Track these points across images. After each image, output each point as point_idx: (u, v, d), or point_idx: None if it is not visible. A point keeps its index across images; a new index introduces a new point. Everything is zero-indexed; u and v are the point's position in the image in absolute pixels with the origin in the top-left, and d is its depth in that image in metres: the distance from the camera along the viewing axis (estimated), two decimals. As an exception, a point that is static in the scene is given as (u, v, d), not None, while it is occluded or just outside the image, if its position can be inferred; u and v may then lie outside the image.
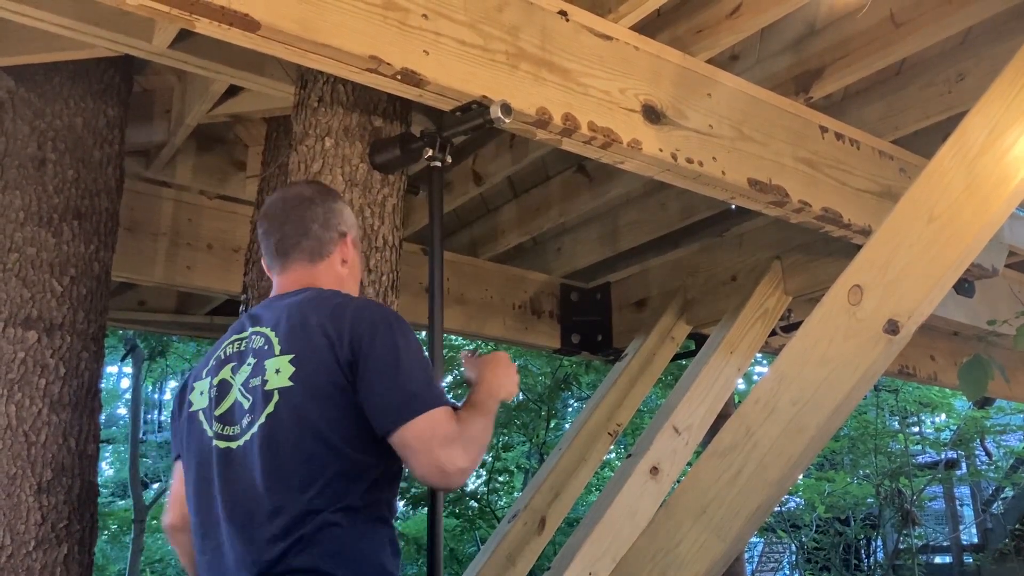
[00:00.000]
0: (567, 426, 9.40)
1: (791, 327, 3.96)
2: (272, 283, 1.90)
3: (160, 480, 13.62)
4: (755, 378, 8.79)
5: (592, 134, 2.30)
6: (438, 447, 1.55)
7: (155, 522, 11.80)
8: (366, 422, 1.61)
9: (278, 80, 2.84)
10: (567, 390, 9.87)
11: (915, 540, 10.27)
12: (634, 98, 2.43)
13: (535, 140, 2.38)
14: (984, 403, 9.02)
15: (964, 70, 3.04)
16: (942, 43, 3.01)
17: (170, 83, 3.41)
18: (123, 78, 3.12)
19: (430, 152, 2.25)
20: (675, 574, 2.25)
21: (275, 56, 1.98)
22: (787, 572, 13.09)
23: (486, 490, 10.64)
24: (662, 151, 2.44)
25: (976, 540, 12.14)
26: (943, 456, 10.42)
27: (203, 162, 3.78)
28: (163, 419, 18.60)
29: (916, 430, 10.88)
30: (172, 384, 18.00)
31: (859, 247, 2.39)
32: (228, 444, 1.69)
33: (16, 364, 2.68)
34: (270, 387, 1.64)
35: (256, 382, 1.67)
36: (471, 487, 10.77)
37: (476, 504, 10.40)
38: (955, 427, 10.20)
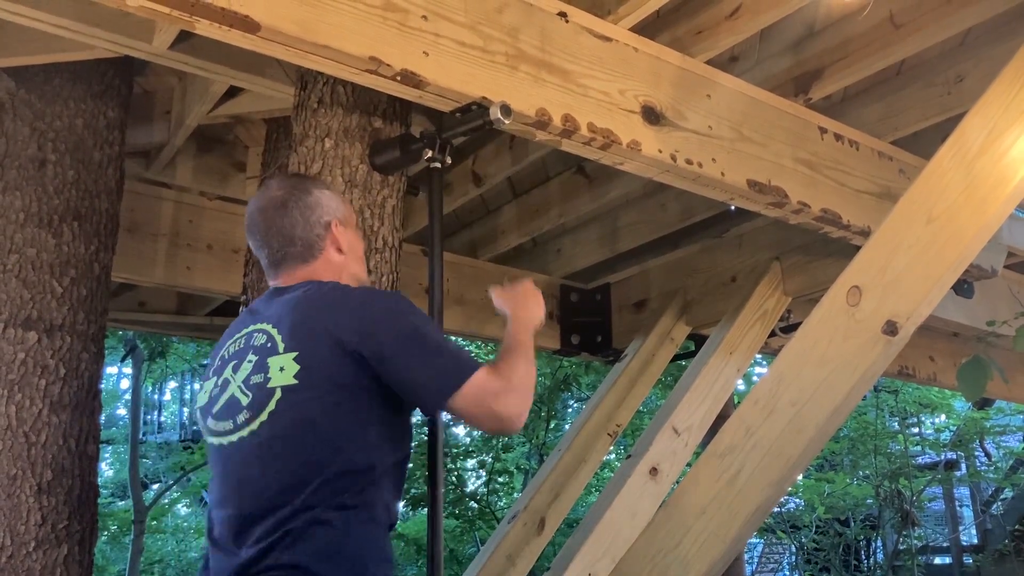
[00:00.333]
0: (567, 427, 9.40)
1: (790, 328, 3.96)
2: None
3: (160, 481, 13.62)
4: (755, 379, 8.79)
5: (592, 135, 2.30)
6: (492, 403, 1.65)
7: (155, 523, 11.82)
8: (368, 422, 1.64)
9: (278, 81, 2.84)
10: (567, 391, 9.88)
11: (915, 541, 10.27)
12: (633, 99, 2.43)
13: (535, 141, 2.39)
14: (983, 404, 9.03)
15: (963, 71, 3.04)
16: (941, 44, 3.02)
17: (170, 84, 3.41)
18: (123, 79, 3.12)
19: (430, 153, 2.25)
20: (675, 575, 2.26)
21: (275, 57, 1.98)
22: (787, 573, 13.10)
23: (486, 491, 10.64)
24: (661, 152, 2.44)
25: (976, 541, 12.14)
26: (943, 457, 10.42)
27: (203, 163, 3.78)
28: (163, 420, 18.61)
29: (916, 431, 10.89)
30: (172, 385, 18.03)
31: (858, 248, 2.39)
32: (221, 440, 1.71)
33: (16, 365, 2.68)
34: (273, 384, 1.65)
35: (258, 379, 1.68)
36: (470, 488, 10.78)
37: (476, 505, 10.40)
38: (955, 428, 10.20)
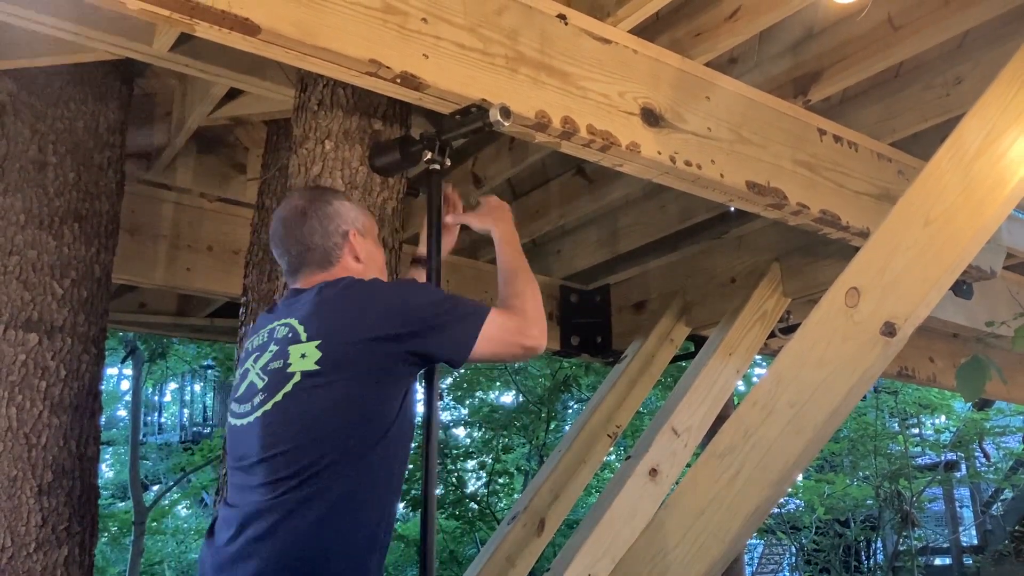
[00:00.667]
0: (567, 428, 9.41)
1: (790, 329, 3.97)
2: (275, 285, 1.95)
3: (160, 482, 13.63)
4: (754, 380, 8.80)
5: (591, 137, 2.30)
6: (519, 341, 1.87)
7: (155, 524, 11.82)
8: (381, 406, 1.74)
9: (278, 83, 2.85)
10: (567, 392, 9.89)
11: (915, 542, 10.28)
12: (633, 101, 2.44)
13: (534, 143, 2.39)
14: (983, 405, 9.04)
15: (961, 73, 3.04)
16: (940, 46, 3.02)
17: (171, 86, 3.42)
18: (124, 81, 3.13)
19: (429, 155, 2.26)
20: (674, 575, 2.26)
21: (275, 60, 1.99)
22: (787, 574, 13.10)
23: (486, 492, 10.65)
24: (661, 154, 2.45)
25: (976, 542, 12.16)
26: (943, 458, 10.43)
27: (204, 165, 3.79)
28: (163, 421, 18.62)
29: (916, 432, 10.91)
30: (172, 386, 18.03)
31: (857, 249, 2.40)
32: (239, 422, 1.80)
33: (17, 366, 2.69)
34: (292, 369, 1.73)
35: (277, 365, 1.76)
36: (471, 489, 10.78)
37: (476, 506, 10.41)
38: (955, 429, 10.21)
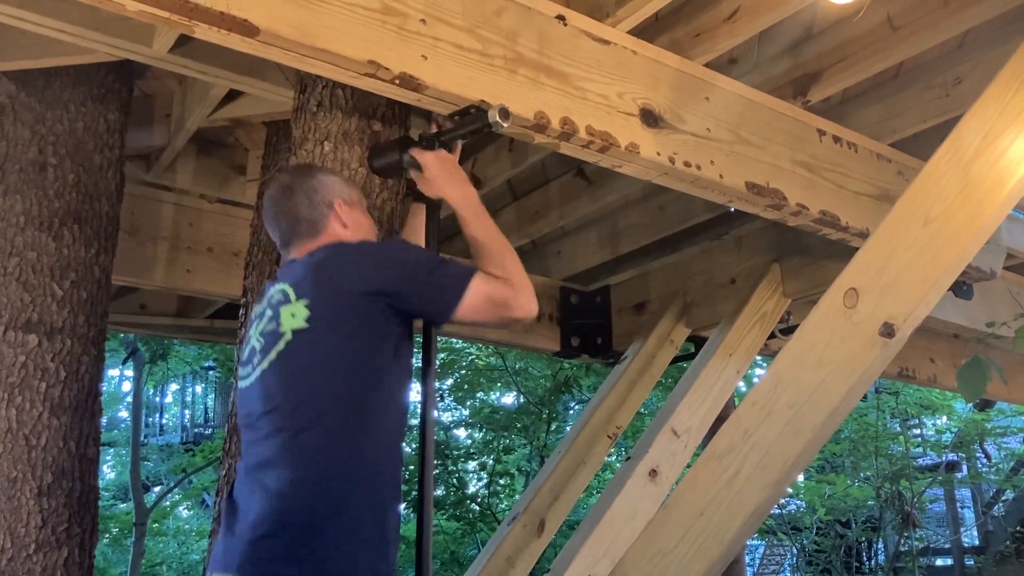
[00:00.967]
0: (568, 429, 9.41)
1: (790, 330, 3.96)
2: None
3: (161, 483, 13.63)
4: (755, 380, 8.79)
5: (590, 138, 2.31)
6: (510, 312, 1.92)
7: (156, 525, 11.82)
8: (372, 359, 1.81)
9: (278, 84, 2.85)
10: (567, 393, 9.88)
11: (916, 542, 10.27)
12: (632, 102, 2.44)
13: (533, 144, 2.39)
14: (984, 405, 9.03)
15: (961, 74, 3.04)
16: (939, 47, 3.02)
17: (170, 87, 3.42)
18: (123, 83, 3.13)
19: (430, 156, 2.25)
20: (673, 576, 2.26)
21: (274, 61, 1.99)
22: (788, 574, 13.09)
23: (487, 493, 10.64)
24: (660, 155, 2.45)
25: (977, 542, 12.15)
26: (944, 458, 10.43)
27: (203, 166, 3.79)
28: (164, 422, 18.62)
29: (917, 432, 10.89)
30: (173, 387, 18.03)
31: (857, 250, 2.39)
32: (243, 383, 1.91)
33: (17, 368, 2.69)
34: (284, 328, 1.83)
35: (271, 327, 1.87)
36: (471, 490, 10.77)
37: (477, 507, 10.41)
38: (956, 430, 10.20)
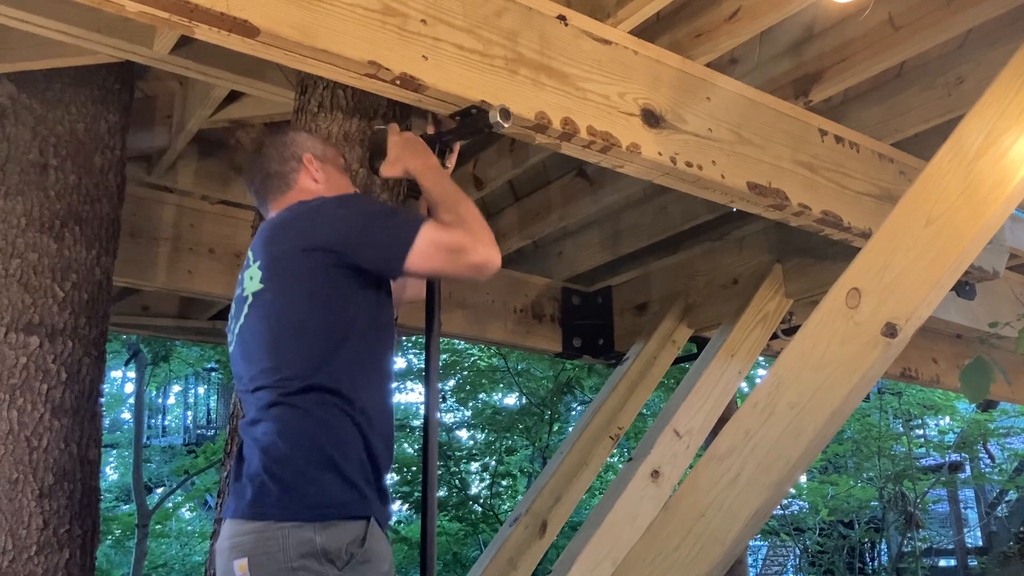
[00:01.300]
0: (569, 430, 9.40)
1: (792, 330, 3.95)
2: None
3: (164, 485, 13.64)
4: (757, 381, 8.77)
5: (591, 138, 2.30)
6: (455, 259, 1.86)
7: (159, 527, 11.82)
8: (331, 314, 1.84)
9: (279, 85, 2.85)
10: (569, 394, 9.88)
11: (919, 543, 10.26)
12: (633, 102, 2.43)
13: (535, 144, 2.39)
14: (988, 406, 9.03)
15: (963, 73, 3.04)
16: (941, 47, 3.02)
17: (171, 89, 3.42)
18: (124, 84, 3.13)
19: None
20: (675, 577, 2.26)
21: (275, 62, 1.99)
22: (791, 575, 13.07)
23: (489, 494, 10.64)
24: (661, 155, 2.44)
25: (980, 543, 12.14)
26: (947, 459, 10.41)
27: (205, 167, 3.79)
28: (167, 424, 18.64)
29: (920, 433, 10.87)
30: (176, 389, 18.05)
31: (860, 250, 2.39)
32: (229, 349, 2.02)
33: (18, 369, 2.69)
34: (247, 292, 1.95)
35: (238, 291, 2.00)
36: (474, 491, 10.77)
37: (479, 508, 10.40)
38: (959, 430, 10.19)
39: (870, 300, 2.19)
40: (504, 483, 10.96)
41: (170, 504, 12.39)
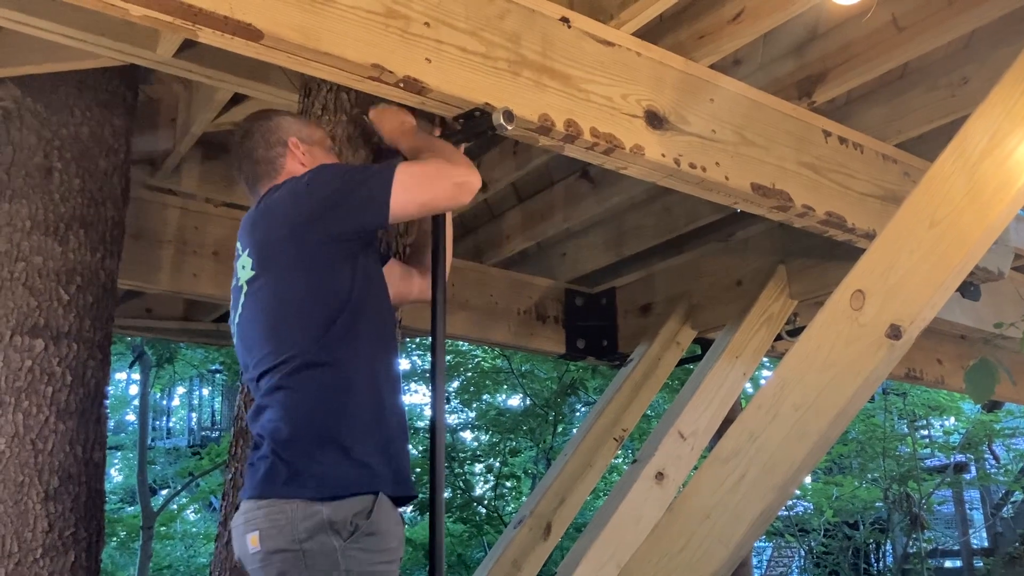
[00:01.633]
0: (574, 431, 9.40)
1: (797, 331, 3.95)
2: None
3: (169, 486, 13.65)
4: (762, 382, 8.76)
5: (594, 140, 2.30)
6: (437, 183, 1.94)
7: (164, 528, 11.83)
8: (323, 292, 1.88)
9: (282, 88, 2.85)
10: (574, 395, 9.87)
11: (924, 544, 10.22)
12: (636, 104, 2.43)
13: (538, 146, 2.39)
14: (992, 406, 9.00)
15: (968, 74, 3.03)
16: (945, 47, 3.01)
17: (175, 92, 3.43)
18: (128, 87, 3.14)
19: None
20: (679, 580, 2.25)
21: (278, 64, 1.99)
22: (796, 577, 13.05)
23: (493, 495, 10.64)
24: (665, 156, 2.44)
25: (986, 544, 12.10)
26: (952, 460, 10.38)
27: (209, 170, 3.79)
28: (171, 425, 18.65)
29: (925, 434, 10.85)
30: (180, 390, 18.06)
31: (864, 251, 2.39)
32: (233, 339, 2.05)
33: (23, 372, 2.69)
34: (240, 282, 1.99)
35: (234, 282, 2.03)
36: (478, 492, 10.77)
37: (484, 510, 10.40)
38: (964, 431, 10.16)
39: (874, 302, 2.19)
40: (508, 485, 10.96)
41: (175, 506, 12.40)
